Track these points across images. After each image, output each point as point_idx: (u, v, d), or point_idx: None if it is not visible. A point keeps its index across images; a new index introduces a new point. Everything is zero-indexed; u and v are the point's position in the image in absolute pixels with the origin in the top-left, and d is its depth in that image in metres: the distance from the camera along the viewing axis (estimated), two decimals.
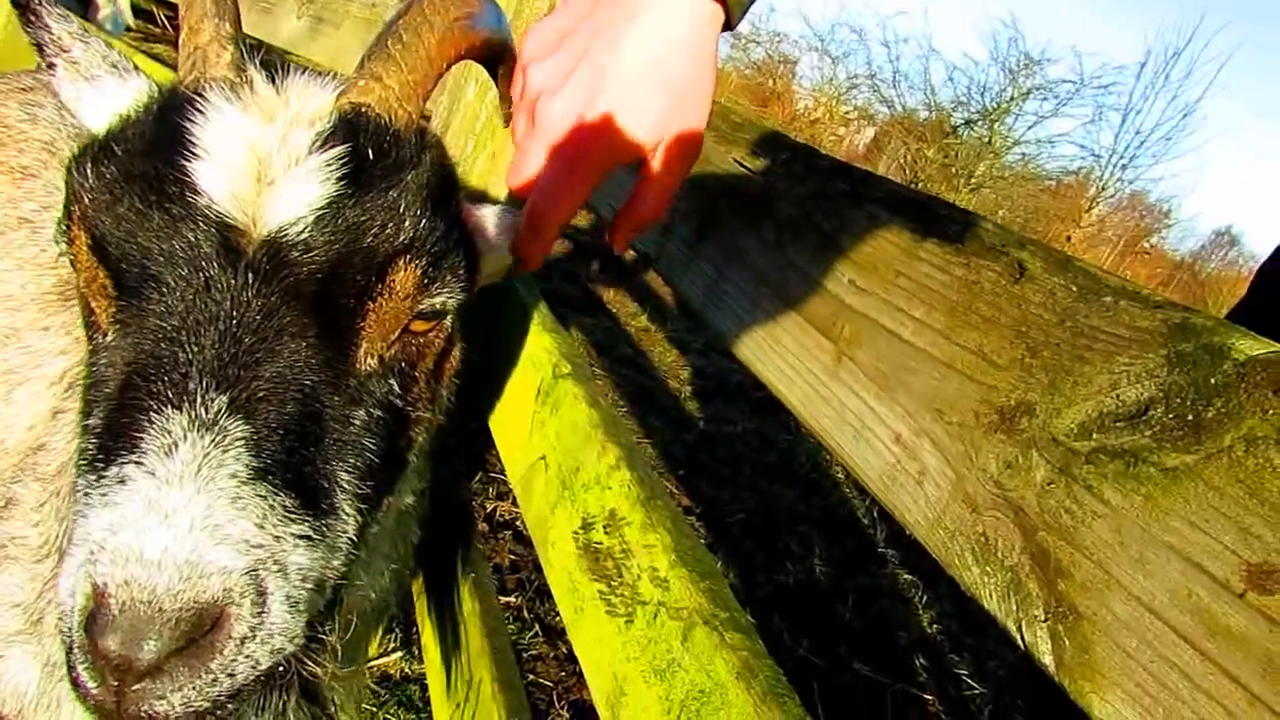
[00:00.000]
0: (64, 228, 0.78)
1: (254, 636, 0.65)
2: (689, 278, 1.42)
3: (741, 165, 1.34)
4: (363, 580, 1.13)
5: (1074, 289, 0.76)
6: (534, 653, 2.69)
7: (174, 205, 0.73)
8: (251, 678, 0.67)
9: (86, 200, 0.75)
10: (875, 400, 0.93)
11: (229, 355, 0.69)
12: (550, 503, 1.53)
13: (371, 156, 0.79)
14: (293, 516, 0.69)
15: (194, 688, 0.63)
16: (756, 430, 5.01)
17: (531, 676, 2.57)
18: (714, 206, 1.37)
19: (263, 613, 0.65)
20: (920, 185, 23.31)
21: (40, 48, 0.94)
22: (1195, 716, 0.58)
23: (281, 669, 0.84)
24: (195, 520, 0.63)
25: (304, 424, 0.72)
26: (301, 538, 0.70)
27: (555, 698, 2.53)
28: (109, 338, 0.75)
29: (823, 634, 3.30)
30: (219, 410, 0.67)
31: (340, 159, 0.77)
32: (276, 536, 0.67)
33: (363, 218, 0.76)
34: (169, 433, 0.65)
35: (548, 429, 1.62)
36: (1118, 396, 0.69)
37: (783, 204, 1.19)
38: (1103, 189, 28.66)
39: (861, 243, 1.02)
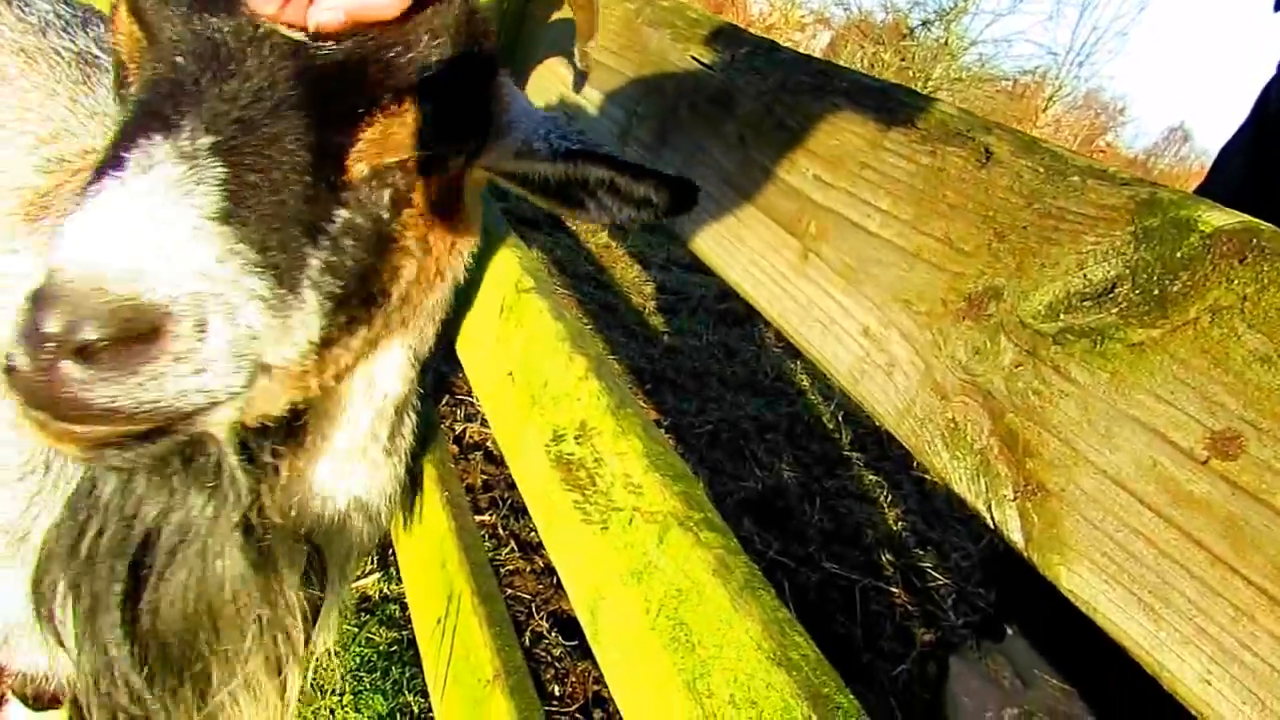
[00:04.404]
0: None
1: (187, 360, 0.65)
2: None
3: (700, 62, 1.29)
4: (333, 445, 1.12)
5: (1041, 170, 0.75)
6: (510, 568, 2.73)
7: None
8: (178, 409, 0.66)
9: None
10: (842, 295, 0.92)
11: (226, 107, 0.71)
12: (520, 417, 1.53)
13: None
14: (251, 270, 0.69)
15: (120, 385, 0.63)
16: (721, 342, 5.03)
17: (510, 590, 2.62)
18: (673, 107, 1.33)
19: (201, 342, 0.65)
20: None
21: None
22: (1159, 580, 0.60)
23: (214, 461, 0.87)
24: (155, 229, 0.64)
25: (282, 193, 0.73)
26: (258, 296, 0.70)
27: (534, 609, 2.58)
28: (133, 90, 0.77)
29: (792, 536, 3.39)
30: (202, 147, 0.68)
31: None
32: (232, 281, 0.67)
33: (402, 27, 0.77)
34: (149, 154, 0.67)
35: (513, 344, 1.60)
36: (1085, 276, 0.69)
37: (744, 100, 1.16)
38: (1059, 88, 28.56)
39: (825, 136, 1.00)
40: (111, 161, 0.67)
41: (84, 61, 1.73)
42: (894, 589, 3.28)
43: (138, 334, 0.62)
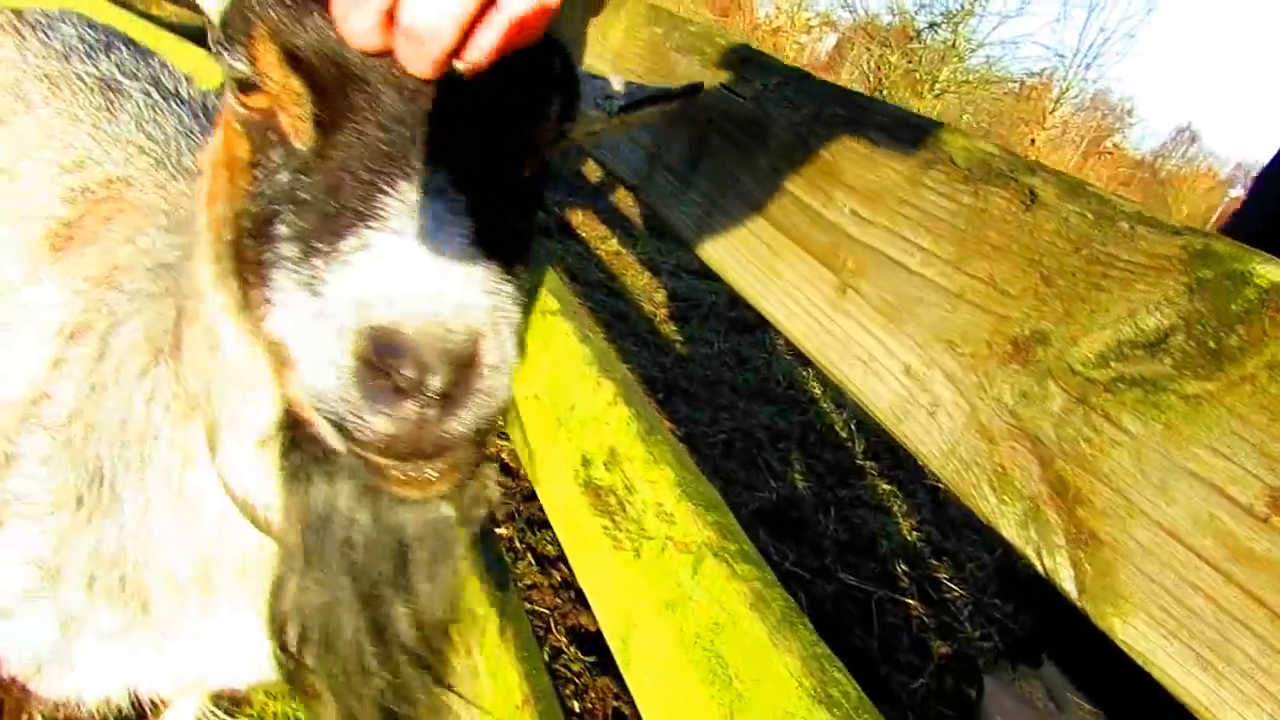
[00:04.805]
0: (240, 44, 0.80)
1: (498, 367, 0.71)
2: (679, 209, 1.39)
3: (731, 91, 1.30)
4: None
5: (1089, 215, 0.75)
6: (528, 581, 2.73)
7: None
8: (495, 410, 0.72)
9: (273, 14, 0.77)
10: (883, 332, 0.92)
11: (439, 141, 0.75)
12: (546, 439, 1.53)
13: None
14: (502, 280, 0.75)
15: (471, 410, 0.69)
16: (732, 350, 5.03)
17: (528, 605, 2.62)
18: (703, 134, 1.34)
19: (500, 353, 0.71)
20: (884, 92, 22.93)
21: None
22: (1219, 637, 0.60)
23: None
24: (449, 265, 0.70)
25: (498, 207, 0.78)
26: (507, 301, 0.76)
27: (553, 623, 2.59)
28: (307, 144, 0.79)
29: (807, 546, 3.39)
30: (442, 183, 0.74)
31: None
32: (497, 293, 0.73)
33: (543, 45, 0.82)
34: (405, 200, 0.71)
35: (539, 367, 1.61)
36: (1136, 324, 0.69)
37: (777, 131, 1.16)
38: (1066, 90, 28.48)
39: (863, 170, 1.00)
40: (356, 213, 0.72)
41: (107, 87, 1.74)
42: (910, 600, 3.28)
43: (469, 361, 0.68)
